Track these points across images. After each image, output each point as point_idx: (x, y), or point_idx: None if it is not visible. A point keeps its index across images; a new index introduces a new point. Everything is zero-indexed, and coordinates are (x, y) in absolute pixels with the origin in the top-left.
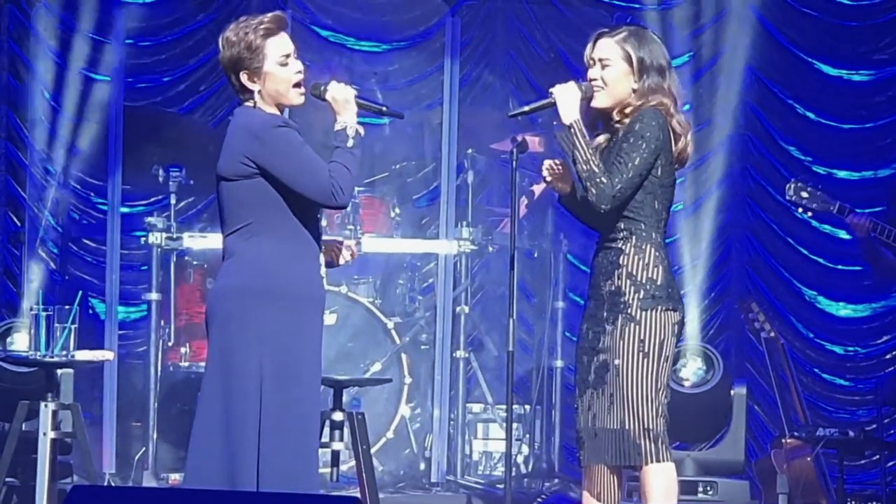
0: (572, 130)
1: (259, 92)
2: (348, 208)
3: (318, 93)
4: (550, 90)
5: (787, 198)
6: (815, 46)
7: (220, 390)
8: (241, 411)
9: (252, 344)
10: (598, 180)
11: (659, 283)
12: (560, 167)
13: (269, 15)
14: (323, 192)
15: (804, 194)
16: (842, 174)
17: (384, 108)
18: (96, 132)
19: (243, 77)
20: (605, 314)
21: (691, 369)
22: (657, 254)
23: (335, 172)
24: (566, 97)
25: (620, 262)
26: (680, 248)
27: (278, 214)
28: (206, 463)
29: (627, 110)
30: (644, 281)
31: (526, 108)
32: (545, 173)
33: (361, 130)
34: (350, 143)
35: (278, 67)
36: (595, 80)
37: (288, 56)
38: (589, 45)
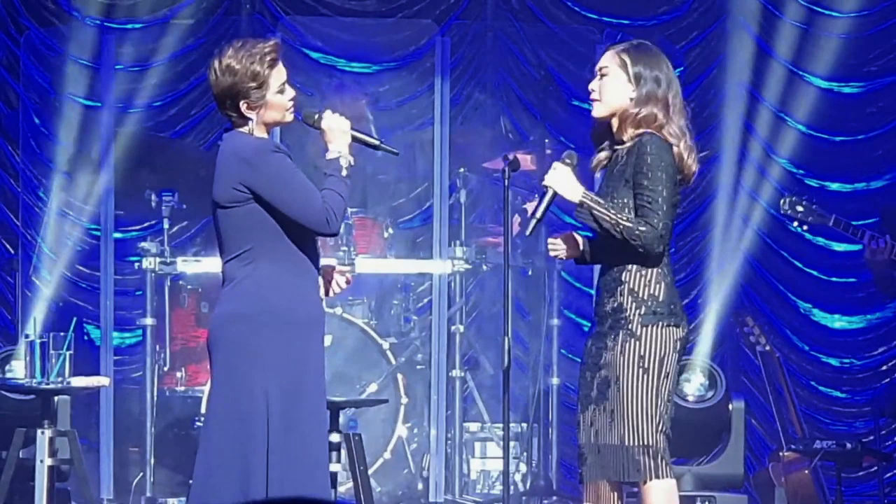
0: (584, 205)
1: (252, 121)
2: (341, 229)
3: (312, 121)
4: (544, 184)
5: (782, 212)
6: (805, 59)
7: (227, 417)
8: (249, 437)
9: (257, 369)
10: (636, 232)
11: (661, 299)
12: (559, 241)
13: (271, 43)
14: (316, 219)
15: (799, 208)
16: (834, 186)
17: (379, 143)
18: (88, 158)
19: (242, 106)
20: (607, 330)
21: (694, 385)
22: (660, 270)
23: (328, 199)
24: (561, 180)
25: (623, 278)
26: (674, 262)
27: (276, 239)
28: (215, 489)
29: (626, 119)
30: (646, 297)
31: (538, 216)
32: (554, 254)
33: (353, 161)
34: (343, 172)
35: (277, 96)
36: (593, 90)
37: (284, 83)
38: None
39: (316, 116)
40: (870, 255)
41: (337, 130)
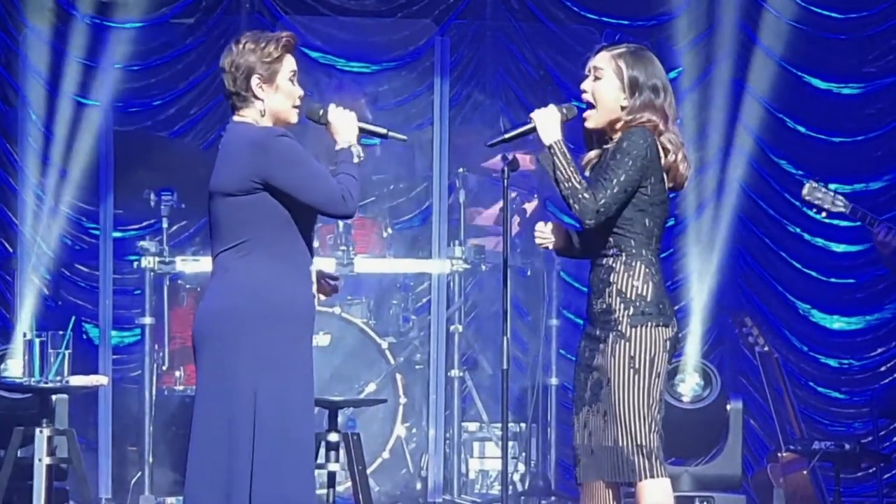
0: (552, 151)
1: (262, 103)
2: (340, 228)
3: (317, 117)
4: (530, 115)
5: (803, 196)
6: (804, 60)
7: (216, 412)
8: (237, 434)
9: (247, 366)
10: (580, 196)
11: (649, 299)
12: (548, 229)
13: (286, 33)
14: (333, 198)
15: (818, 195)
16: (832, 187)
17: (386, 132)
18: (87, 157)
19: (254, 82)
20: (598, 332)
21: (689, 385)
22: (647, 270)
23: (343, 180)
24: (545, 120)
25: (610, 279)
26: (673, 263)
27: (276, 231)
28: (206, 487)
29: (618, 125)
30: (634, 298)
31: (506, 136)
32: (540, 242)
33: (362, 154)
34: (355, 160)
35: (287, 83)
36: (586, 91)
37: (294, 73)
38: (591, 58)
39: (321, 112)
40: (881, 247)
41: (344, 123)
